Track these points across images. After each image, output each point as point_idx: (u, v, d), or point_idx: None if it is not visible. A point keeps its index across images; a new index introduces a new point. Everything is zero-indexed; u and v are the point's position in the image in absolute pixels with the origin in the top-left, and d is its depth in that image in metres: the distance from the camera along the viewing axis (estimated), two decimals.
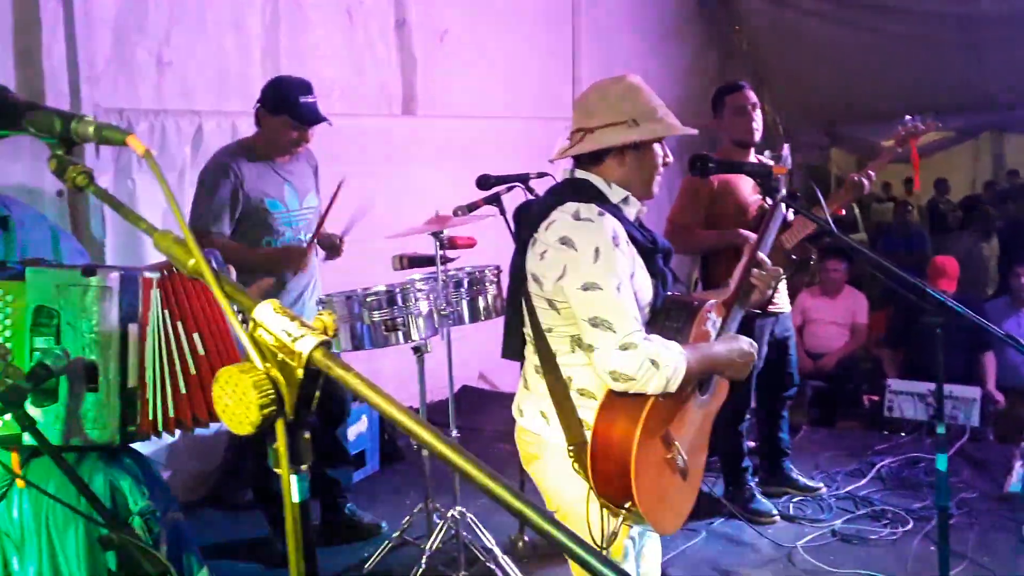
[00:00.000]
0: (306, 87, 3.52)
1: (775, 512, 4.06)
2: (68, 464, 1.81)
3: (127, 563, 1.92)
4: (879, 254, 2.42)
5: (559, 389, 2.20)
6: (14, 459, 1.96)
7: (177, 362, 1.96)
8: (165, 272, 1.97)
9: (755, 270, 2.33)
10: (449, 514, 3.56)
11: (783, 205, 2.41)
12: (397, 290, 3.43)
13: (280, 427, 0.94)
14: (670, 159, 2.26)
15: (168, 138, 4.04)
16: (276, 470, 0.97)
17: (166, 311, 1.95)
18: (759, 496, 4.11)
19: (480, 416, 5.02)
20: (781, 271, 2.34)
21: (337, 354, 0.94)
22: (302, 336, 0.92)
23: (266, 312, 0.95)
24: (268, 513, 3.82)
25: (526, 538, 3.75)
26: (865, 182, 3.92)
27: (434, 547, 3.48)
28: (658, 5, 6.76)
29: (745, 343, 2.26)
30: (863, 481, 4.42)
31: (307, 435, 0.97)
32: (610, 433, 2.08)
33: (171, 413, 1.96)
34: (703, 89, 6.91)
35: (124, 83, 3.83)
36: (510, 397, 2.45)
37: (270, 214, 3.54)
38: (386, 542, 3.68)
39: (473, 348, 4.62)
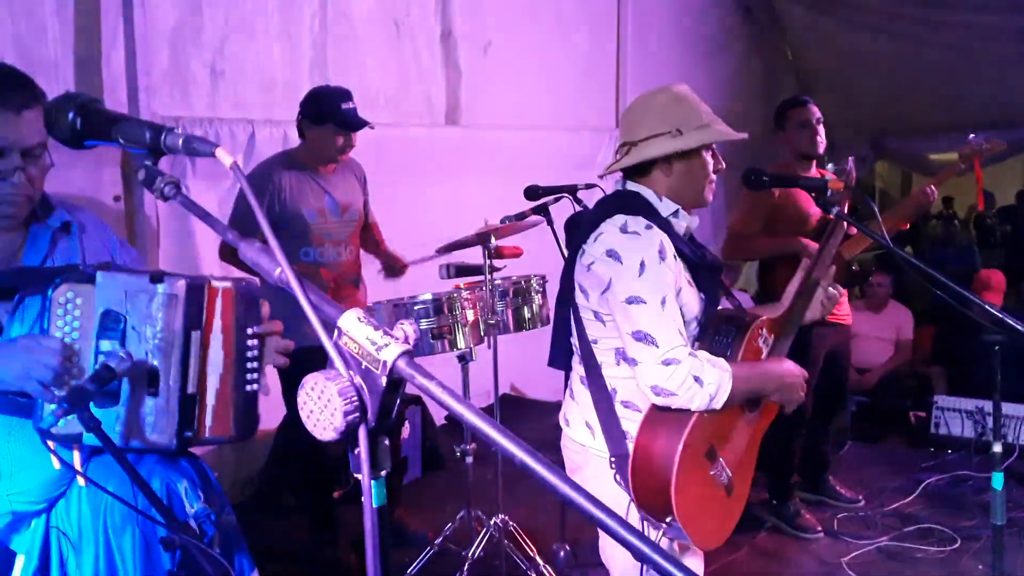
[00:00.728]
0: (346, 94, 3.57)
1: (819, 528, 4.03)
2: (130, 465, 1.83)
3: (186, 564, 1.94)
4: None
5: (603, 400, 2.19)
6: (76, 458, 2.00)
7: (243, 372, 1.99)
8: (237, 282, 2.00)
9: (811, 285, 2.30)
10: (492, 522, 3.57)
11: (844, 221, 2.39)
12: (444, 299, 3.46)
13: (362, 433, 0.96)
14: (722, 165, 2.25)
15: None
16: (356, 475, 0.98)
17: (222, 321, 1.98)
18: (804, 511, 4.08)
19: (519, 424, 5.02)
20: (842, 289, 2.31)
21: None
22: (386, 345, 0.94)
23: (351, 321, 0.97)
24: (312, 518, 3.86)
25: (568, 547, 3.75)
26: (930, 198, 3.91)
27: (476, 555, 3.50)
28: (703, 15, 6.74)
29: (792, 366, 2.22)
30: (910, 498, 4.37)
31: (387, 442, 0.99)
32: (652, 448, 2.07)
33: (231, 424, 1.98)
34: (748, 99, 6.90)
35: (180, 92, 3.91)
36: (545, 406, 2.49)
37: (308, 225, 3.58)
38: (428, 548, 3.70)
39: (506, 357, 4.64)
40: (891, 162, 9.77)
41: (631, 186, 2.25)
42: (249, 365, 2.02)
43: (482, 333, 3.52)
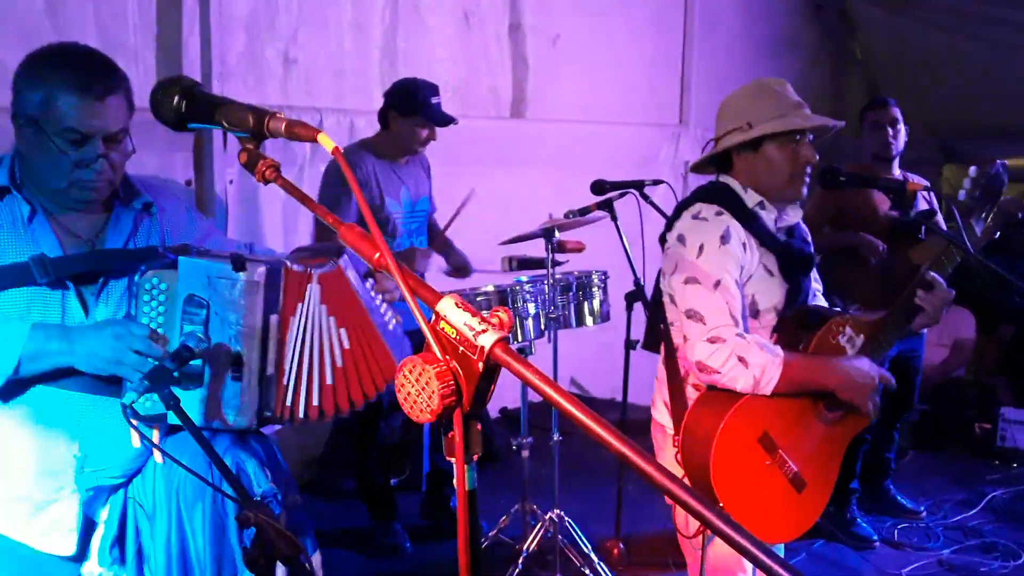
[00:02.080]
0: (434, 88, 3.60)
1: (875, 538, 3.96)
2: (208, 442, 1.87)
3: (260, 541, 1.97)
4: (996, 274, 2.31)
5: (676, 381, 2.27)
6: (155, 435, 2.04)
7: (327, 354, 2.01)
8: (323, 267, 2.03)
9: (921, 291, 2.25)
10: (547, 516, 3.57)
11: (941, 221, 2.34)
12: (506, 291, 3.47)
13: (457, 418, 0.96)
14: (813, 158, 2.24)
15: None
16: (449, 458, 0.99)
17: (324, 305, 2.01)
18: (861, 520, 4.01)
19: None
20: (952, 294, 2.25)
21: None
22: (483, 331, 0.95)
23: (448, 306, 0.98)
24: (368, 503, 3.90)
25: (622, 545, 3.74)
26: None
27: (530, 548, 3.50)
28: (770, 12, 6.64)
29: (866, 365, 2.19)
30: (973, 511, 4.27)
31: (479, 427, 1.00)
32: (697, 426, 2.15)
33: (316, 402, 2.01)
34: (815, 99, 6.75)
35: (254, 79, 3.98)
36: (601, 403, 2.51)
37: (388, 214, 3.61)
38: (482, 541, 3.72)
39: (567, 352, 4.64)
40: (960, 166, 9.52)
41: (722, 178, 2.32)
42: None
43: (543, 327, 3.53)
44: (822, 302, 2.46)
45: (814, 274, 2.44)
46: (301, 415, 2.02)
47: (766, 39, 6.47)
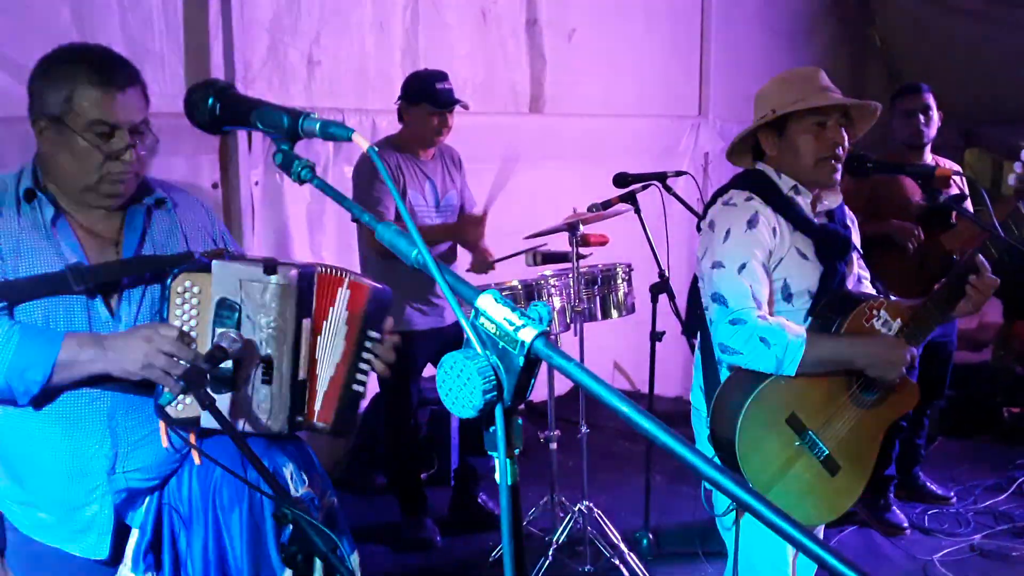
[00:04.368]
0: (441, 75, 3.63)
1: (906, 525, 3.95)
2: (244, 442, 1.87)
3: (297, 539, 2.00)
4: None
5: (711, 365, 2.30)
6: (192, 437, 2.06)
7: (356, 368, 2.04)
8: (374, 285, 2.06)
9: (972, 276, 2.20)
10: (576, 508, 3.60)
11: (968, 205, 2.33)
12: (531, 285, 3.49)
13: (499, 413, 0.99)
14: (840, 140, 2.24)
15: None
16: (491, 452, 1.01)
17: (347, 312, 2.03)
18: (895, 508, 4.01)
19: (603, 413, 5.03)
20: (998, 281, 2.20)
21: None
22: (523, 325, 0.97)
23: (488, 302, 1.00)
24: (400, 498, 3.94)
25: (651, 535, 3.75)
26: None
27: (560, 540, 3.53)
28: (788, 3, 6.60)
29: (895, 344, 2.18)
30: (1003, 496, 4.25)
31: (520, 421, 1.02)
32: (724, 406, 2.18)
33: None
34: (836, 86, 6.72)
35: (278, 81, 4.02)
36: (629, 396, 2.52)
37: (412, 208, 3.64)
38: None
39: (593, 344, 4.66)
40: (981, 150, 9.43)
41: (759, 166, 2.36)
42: (362, 365, 2.07)
43: (568, 320, 3.54)
44: (870, 290, 2.45)
45: (861, 262, 2.45)
46: (324, 421, 2.03)
47: (784, 29, 6.43)
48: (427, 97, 3.57)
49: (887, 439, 3.91)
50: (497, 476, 1.02)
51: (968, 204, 3.84)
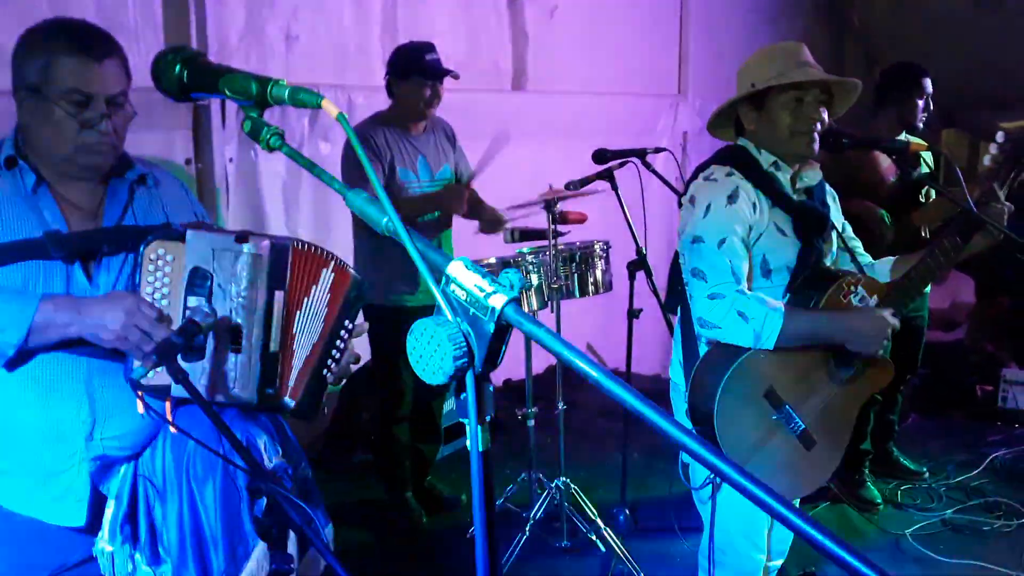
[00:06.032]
0: (429, 46, 3.60)
1: (880, 502, 4.00)
2: (216, 414, 1.87)
3: (271, 512, 2.00)
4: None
5: (691, 340, 2.31)
6: (167, 408, 2.05)
7: (327, 353, 2.04)
8: (341, 262, 2.04)
9: (994, 202, 2.24)
10: (554, 484, 3.62)
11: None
12: (509, 262, 3.48)
13: (470, 379, 0.98)
14: (816, 115, 2.26)
15: (288, 110, 4.16)
16: (462, 419, 1.01)
17: (330, 294, 2.02)
18: (870, 484, 4.06)
19: (581, 391, 5.06)
20: (1011, 207, 2.24)
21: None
22: (494, 292, 0.96)
23: (459, 268, 0.99)
24: (382, 468, 3.93)
25: (628, 511, 3.78)
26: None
27: (537, 516, 3.55)
28: None
29: (875, 317, 2.19)
30: (975, 472, 4.32)
31: (491, 388, 1.02)
32: (703, 380, 2.19)
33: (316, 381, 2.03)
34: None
35: (256, 56, 3.96)
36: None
37: (403, 184, 3.60)
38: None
39: (569, 322, 4.67)
40: (959, 132, 9.49)
41: (740, 141, 2.36)
42: (334, 352, 2.07)
43: (546, 298, 3.54)
44: (862, 261, 2.49)
45: (849, 234, 2.49)
46: (293, 397, 2.03)
47: (764, 9, 6.43)
48: (418, 70, 3.53)
49: (863, 414, 3.97)
50: (468, 443, 1.02)
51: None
